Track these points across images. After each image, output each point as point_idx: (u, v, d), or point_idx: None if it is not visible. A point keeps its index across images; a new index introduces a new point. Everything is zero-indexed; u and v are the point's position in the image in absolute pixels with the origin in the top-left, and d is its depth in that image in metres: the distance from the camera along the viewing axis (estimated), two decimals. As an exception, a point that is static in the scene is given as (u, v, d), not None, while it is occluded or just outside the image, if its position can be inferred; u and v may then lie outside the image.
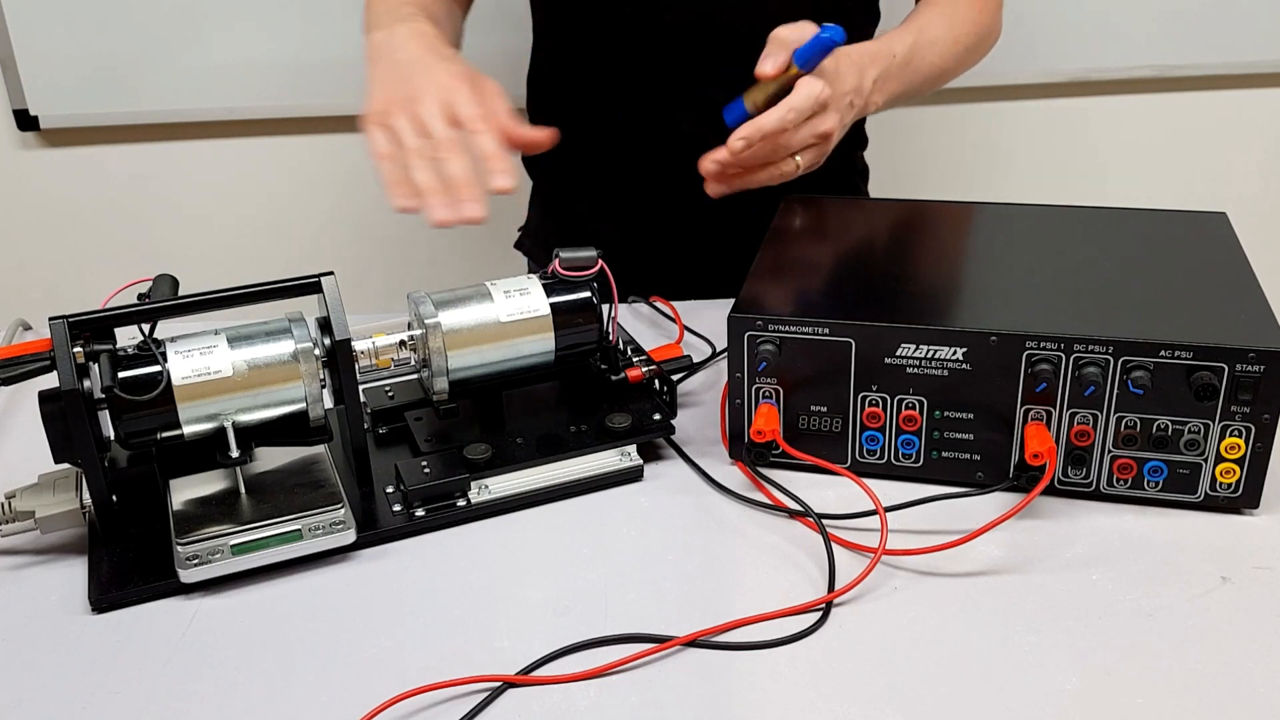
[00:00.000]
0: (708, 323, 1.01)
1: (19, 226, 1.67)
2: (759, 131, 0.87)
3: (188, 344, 0.73)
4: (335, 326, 0.74)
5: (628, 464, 0.82)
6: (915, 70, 1.02)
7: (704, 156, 0.91)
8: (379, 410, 0.84)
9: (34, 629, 0.69)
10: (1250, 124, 1.76)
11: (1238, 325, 0.74)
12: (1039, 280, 0.82)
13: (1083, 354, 0.73)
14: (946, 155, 1.77)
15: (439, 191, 0.78)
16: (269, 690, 0.64)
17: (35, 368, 0.71)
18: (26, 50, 1.53)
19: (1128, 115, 1.74)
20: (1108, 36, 1.66)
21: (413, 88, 0.85)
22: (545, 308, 0.81)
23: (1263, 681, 0.63)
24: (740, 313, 0.79)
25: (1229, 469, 0.75)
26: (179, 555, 0.70)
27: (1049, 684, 0.63)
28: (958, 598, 0.70)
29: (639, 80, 1.09)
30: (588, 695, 0.63)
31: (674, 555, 0.74)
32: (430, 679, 0.63)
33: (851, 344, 0.77)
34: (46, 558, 0.75)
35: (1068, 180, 1.79)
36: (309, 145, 1.66)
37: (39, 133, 1.60)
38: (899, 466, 0.80)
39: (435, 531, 0.77)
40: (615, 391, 0.86)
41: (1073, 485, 0.78)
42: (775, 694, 0.63)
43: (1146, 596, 0.69)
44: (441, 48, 0.91)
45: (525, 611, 0.70)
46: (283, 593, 0.72)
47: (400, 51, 0.90)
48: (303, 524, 0.72)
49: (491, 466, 0.79)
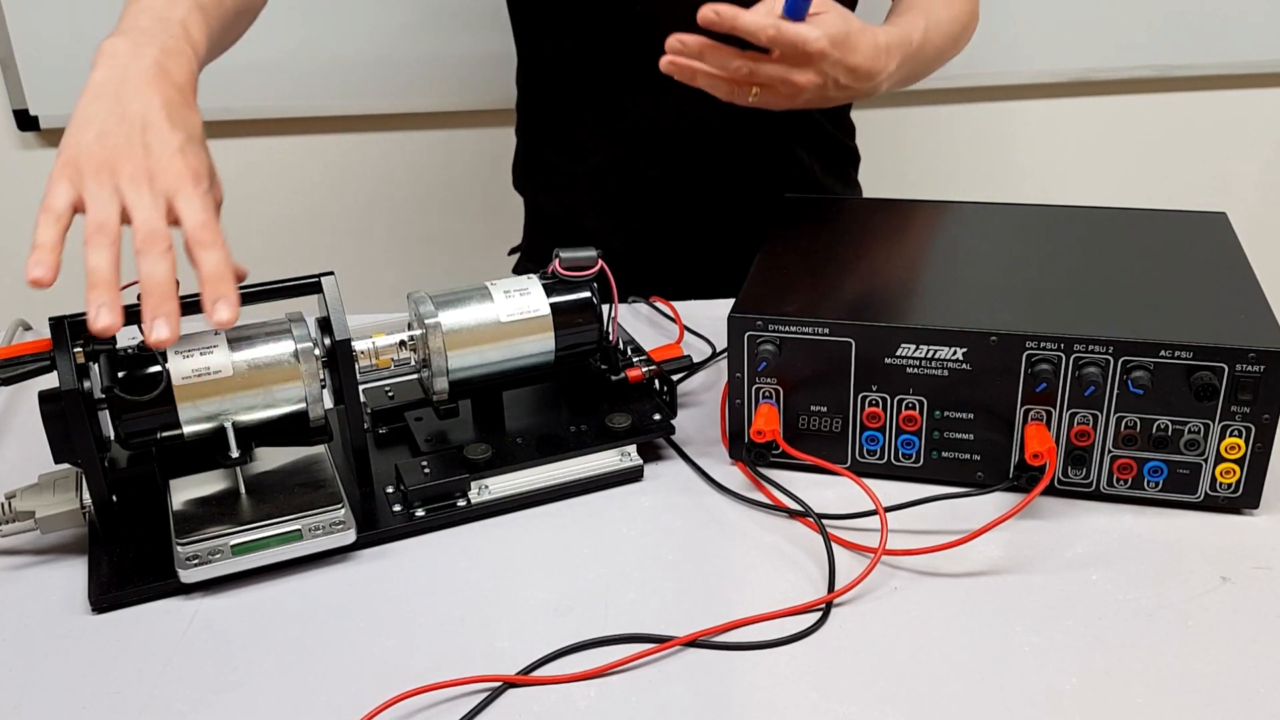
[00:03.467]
0: (708, 323, 1.01)
1: (19, 226, 1.67)
2: (732, 19, 0.83)
3: (187, 344, 0.73)
4: (335, 326, 0.74)
5: (628, 464, 0.82)
6: (922, 59, 0.99)
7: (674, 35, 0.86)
8: (379, 410, 0.84)
9: (34, 629, 0.69)
10: (1250, 124, 1.76)
11: (1238, 325, 0.74)
12: (1039, 280, 0.82)
13: (1083, 354, 0.73)
14: (947, 155, 1.77)
15: (110, 286, 0.65)
16: (269, 690, 0.64)
17: (35, 368, 0.71)
18: (26, 50, 1.53)
19: (1128, 115, 1.74)
20: (1108, 36, 1.66)
21: (133, 158, 0.69)
22: (545, 308, 0.81)
23: (1263, 681, 0.63)
24: (740, 313, 0.79)
25: (1229, 469, 0.75)
26: (179, 555, 0.70)
27: (1049, 684, 0.63)
28: (958, 598, 0.70)
29: (628, 77, 1.08)
30: (588, 695, 0.63)
31: (674, 555, 0.74)
32: (430, 679, 0.63)
33: (851, 344, 0.77)
34: (46, 558, 0.75)
35: (1068, 180, 1.79)
36: (309, 145, 1.66)
37: (39, 133, 1.60)
38: (899, 466, 0.80)
39: (435, 531, 0.77)
40: (615, 391, 0.86)
41: (1073, 485, 0.78)
42: (775, 694, 0.63)
43: (1146, 596, 0.69)
44: (187, 109, 0.73)
45: (525, 611, 0.70)
46: (283, 593, 0.72)
47: (135, 97, 0.71)
48: (303, 524, 0.72)
49: (491, 466, 0.79)
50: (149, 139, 0.70)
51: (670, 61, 0.87)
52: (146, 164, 0.69)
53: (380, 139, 1.67)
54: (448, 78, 1.60)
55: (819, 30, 0.85)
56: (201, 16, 0.79)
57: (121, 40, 0.75)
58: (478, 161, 1.66)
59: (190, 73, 0.76)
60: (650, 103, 1.09)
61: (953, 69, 1.10)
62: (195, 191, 0.69)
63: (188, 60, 0.76)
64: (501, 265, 1.30)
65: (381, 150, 1.67)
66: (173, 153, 0.70)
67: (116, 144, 0.69)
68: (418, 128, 1.66)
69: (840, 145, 1.20)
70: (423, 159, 1.69)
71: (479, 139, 1.65)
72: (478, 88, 1.59)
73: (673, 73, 0.87)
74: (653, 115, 1.10)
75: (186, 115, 0.73)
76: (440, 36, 1.57)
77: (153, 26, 0.76)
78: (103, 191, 0.68)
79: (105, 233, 0.66)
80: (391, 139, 1.67)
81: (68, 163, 0.69)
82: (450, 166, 1.69)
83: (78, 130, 0.70)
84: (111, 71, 0.73)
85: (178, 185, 0.69)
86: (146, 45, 0.74)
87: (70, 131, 0.70)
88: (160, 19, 0.77)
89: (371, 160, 1.68)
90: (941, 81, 1.65)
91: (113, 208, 0.67)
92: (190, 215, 0.68)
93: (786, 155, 1.14)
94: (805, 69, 0.87)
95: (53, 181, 0.69)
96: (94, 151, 0.69)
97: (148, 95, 0.71)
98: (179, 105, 0.73)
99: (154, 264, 0.66)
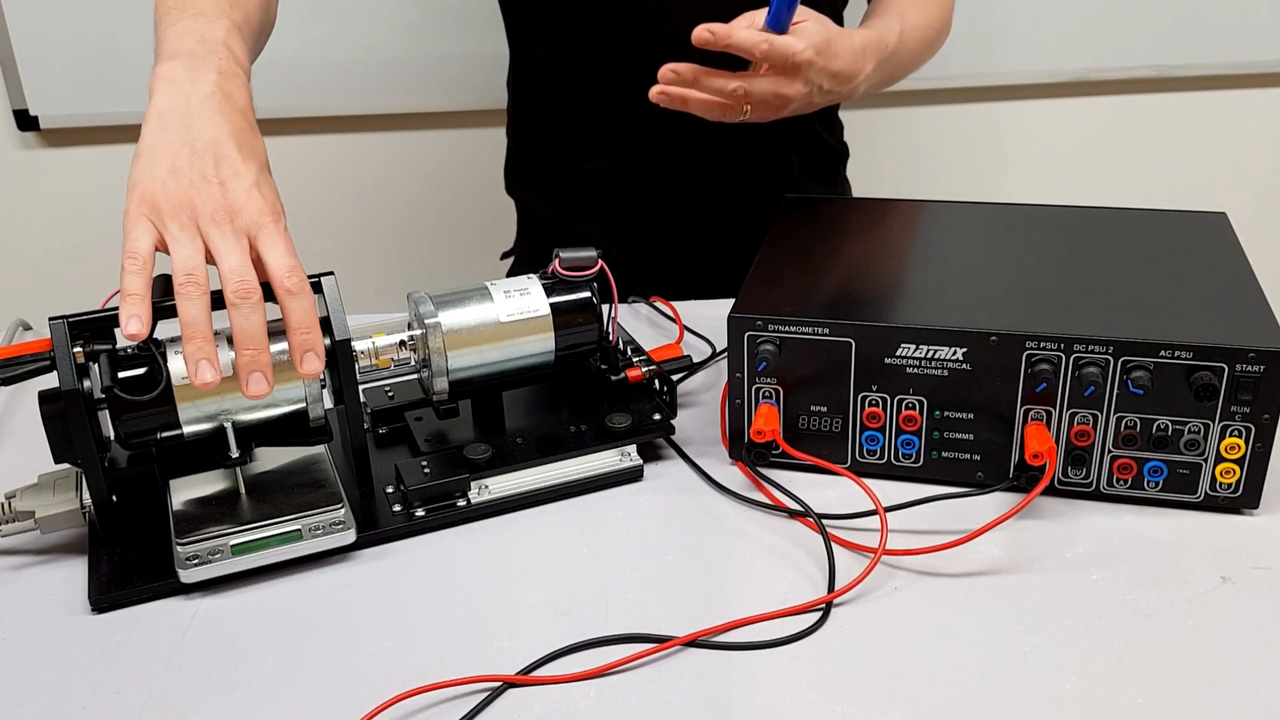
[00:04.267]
0: (708, 323, 1.01)
1: (19, 226, 1.67)
2: (726, 37, 0.84)
3: (188, 344, 0.73)
4: (335, 326, 0.74)
5: (628, 464, 0.82)
6: (897, 61, 1.02)
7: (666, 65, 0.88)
8: (379, 410, 0.84)
9: (34, 629, 0.69)
10: (1250, 124, 1.76)
11: (1238, 325, 0.74)
12: (1039, 280, 0.82)
13: (1083, 354, 0.73)
14: (947, 155, 1.77)
15: (206, 339, 0.66)
16: (269, 690, 0.64)
17: (35, 368, 0.71)
18: (26, 50, 1.53)
19: (1128, 115, 1.74)
20: (1108, 36, 1.66)
21: (211, 197, 0.68)
22: (545, 308, 0.81)
23: (1263, 681, 0.63)
24: (740, 313, 0.79)
25: (1229, 469, 0.75)
26: (179, 555, 0.70)
27: (1049, 684, 0.63)
28: (958, 598, 0.70)
29: (619, 81, 1.08)
30: (588, 695, 0.63)
31: (674, 555, 0.74)
32: (430, 679, 0.63)
33: (851, 344, 0.77)
34: (46, 558, 0.75)
35: (1068, 180, 1.79)
36: (309, 145, 1.66)
37: (39, 133, 1.60)
38: (899, 466, 0.80)
39: (435, 531, 0.77)
40: (615, 391, 0.86)
41: (1073, 485, 0.78)
42: (775, 694, 0.63)
43: (1146, 596, 0.69)
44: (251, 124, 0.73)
45: (525, 611, 0.70)
46: (283, 593, 0.72)
47: (203, 123, 0.71)
48: (303, 524, 0.72)
49: (491, 466, 0.79)
50: (224, 174, 0.69)
51: (661, 91, 0.89)
52: (225, 202, 0.68)
53: (380, 139, 1.67)
54: (447, 78, 1.60)
55: (804, 40, 0.87)
56: (240, 37, 0.79)
57: (176, 65, 0.74)
58: (478, 161, 1.66)
59: (249, 96, 0.76)
60: (641, 107, 1.08)
61: (953, 69, 1.11)
62: (277, 229, 0.69)
63: (243, 83, 0.76)
64: (504, 266, 1.30)
65: (382, 150, 1.67)
66: (249, 187, 0.70)
67: (192, 180, 0.69)
68: (417, 128, 1.66)
69: (827, 144, 1.21)
70: (423, 159, 1.69)
71: (479, 139, 1.65)
72: (478, 88, 1.59)
73: (663, 102, 0.89)
74: (644, 119, 1.10)
75: (254, 143, 0.73)
76: (438, 37, 1.57)
77: (200, 49, 0.75)
78: (184, 234, 0.68)
79: (196, 283, 0.66)
80: (391, 139, 1.67)
81: (143, 200, 0.68)
82: (450, 166, 1.69)
83: (149, 164, 0.69)
84: (174, 100, 0.72)
85: (259, 223, 0.69)
86: (203, 70, 0.73)
87: (140, 165, 0.70)
88: (203, 40, 0.76)
89: (373, 160, 1.68)
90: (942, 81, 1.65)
91: (198, 254, 0.67)
92: (276, 260, 0.68)
93: (774, 155, 1.14)
94: (794, 80, 0.89)
95: (132, 222, 0.68)
96: (170, 191, 0.68)
97: (217, 123, 0.71)
98: (246, 133, 0.73)
99: (248, 318, 0.67)
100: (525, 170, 1.22)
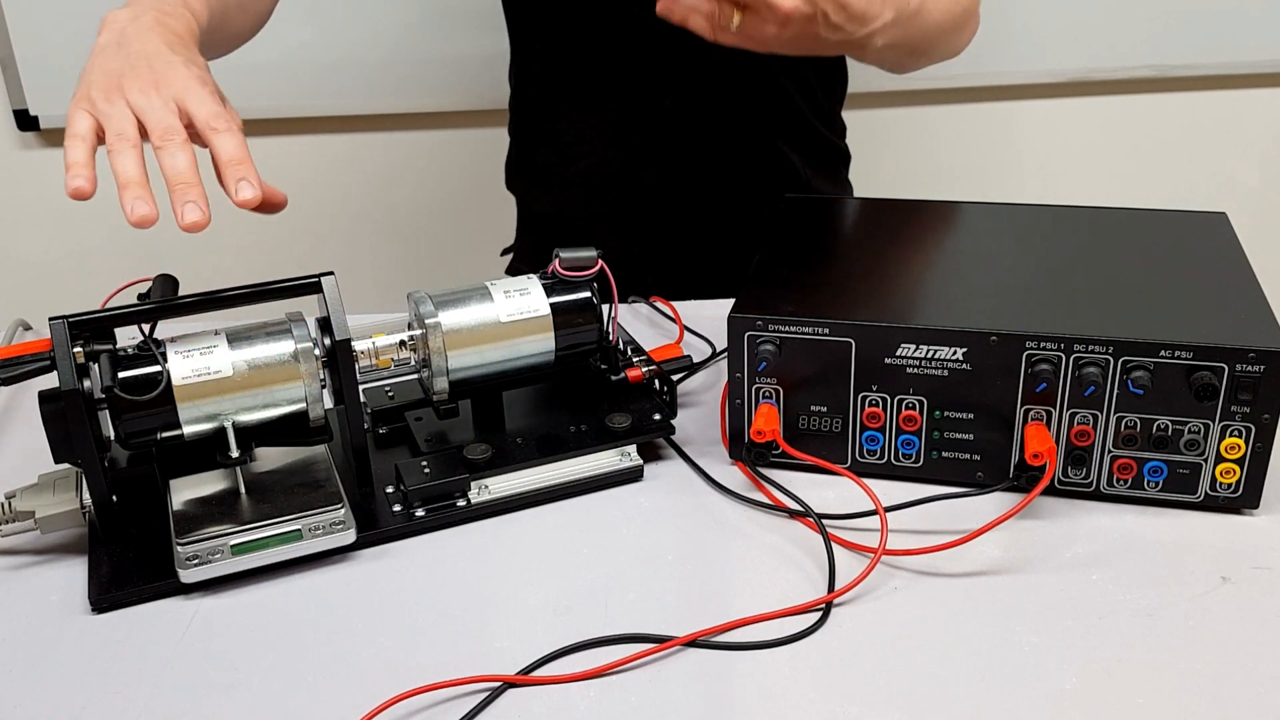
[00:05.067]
0: (708, 323, 1.01)
1: (19, 226, 1.67)
2: None
3: (188, 344, 0.73)
4: (335, 326, 0.74)
5: (628, 464, 0.82)
6: (920, 24, 0.94)
7: None
8: (379, 410, 0.84)
9: (34, 629, 0.69)
10: (1250, 124, 1.76)
11: (1238, 325, 0.74)
12: (1039, 280, 0.82)
13: (1083, 354, 0.73)
14: (948, 155, 1.77)
15: (140, 184, 0.68)
16: (269, 690, 0.64)
17: (35, 368, 0.71)
18: (26, 50, 1.53)
19: (1128, 115, 1.74)
20: (1108, 36, 1.66)
21: (138, 76, 0.72)
22: (545, 308, 0.81)
23: (1263, 681, 0.63)
24: (740, 313, 0.79)
25: (1229, 469, 0.75)
26: (179, 555, 0.70)
27: (1049, 684, 0.63)
28: (958, 598, 0.70)
29: (619, 78, 1.08)
30: (588, 695, 0.63)
31: (674, 555, 0.74)
32: (430, 679, 0.63)
33: (851, 344, 0.77)
34: (46, 558, 0.75)
35: (1068, 180, 1.79)
36: (309, 145, 1.66)
37: (39, 133, 1.60)
38: (899, 466, 0.80)
39: (435, 531, 0.77)
40: (615, 391, 0.86)
41: (1073, 485, 0.78)
42: (775, 694, 0.63)
43: (1146, 596, 0.69)
44: (189, 49, 0.77)
45: (525, 611, 0.70)
46: (283, 593, 0.72)
47: (136, 42, 0.75)
48: (303, 524, 0.72)
49: (491, 466, 0.79)
50: (154, 63, 0.73)
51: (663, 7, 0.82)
52: (153, 77, 0.72)
53: (380, 139, 1.67)
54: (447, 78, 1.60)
55: None
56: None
57: (122, 11, 0.78)
58: (478, 161, 1.66)
59: (190, 28, 0.79)
60: (640, 103, 1.08)
61: (953, 69, 1.10)
62: (204, 91, 0.72)
63: (186, 19, 0.79)
64: (499, 263, 1.30)
65: (382, 150, 1.68)
66: (176, 65, 0.73)
67: (122, 69, 0.72)
68: (417, 128, 1.66)
69: (829, 144, 1.20)
70: (423, 158, 1.69)
71: (479, 139, 1.65)
72: (478, 87, 1.59)
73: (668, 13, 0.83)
74: (643, 116, 1.10)
75: (189, 52, 0.76)
76: (437, 36, 1.57)
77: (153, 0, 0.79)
78: (115, 107, 0.70)
79: (125, 138, 0.69)
80: (391, 139, 1.67)
81: (81, 98, 0.72)
82: (450, 166, 1.69)
83: (86, 80, 0.73)
84: (113, 33, 0.76)
85: (184, 87, 0.71)
86: (145, 12, 0.78)
87: (80, 84, 0.73)
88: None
89: (373, 160, 1.68)
90: (942, 81, 1.65)
91: (128, 119, 0.70)
92: (200, 108, 0.70)
93: (775, 154, 1.14)
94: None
95: (70, 114, 0.71)
96: (101, 81, 0.72)
97: (148, 39, 0.75)
98: (179, 46, 0.76)
99: (174, 156, 0.68)
100: (522, 165, 1.22)
